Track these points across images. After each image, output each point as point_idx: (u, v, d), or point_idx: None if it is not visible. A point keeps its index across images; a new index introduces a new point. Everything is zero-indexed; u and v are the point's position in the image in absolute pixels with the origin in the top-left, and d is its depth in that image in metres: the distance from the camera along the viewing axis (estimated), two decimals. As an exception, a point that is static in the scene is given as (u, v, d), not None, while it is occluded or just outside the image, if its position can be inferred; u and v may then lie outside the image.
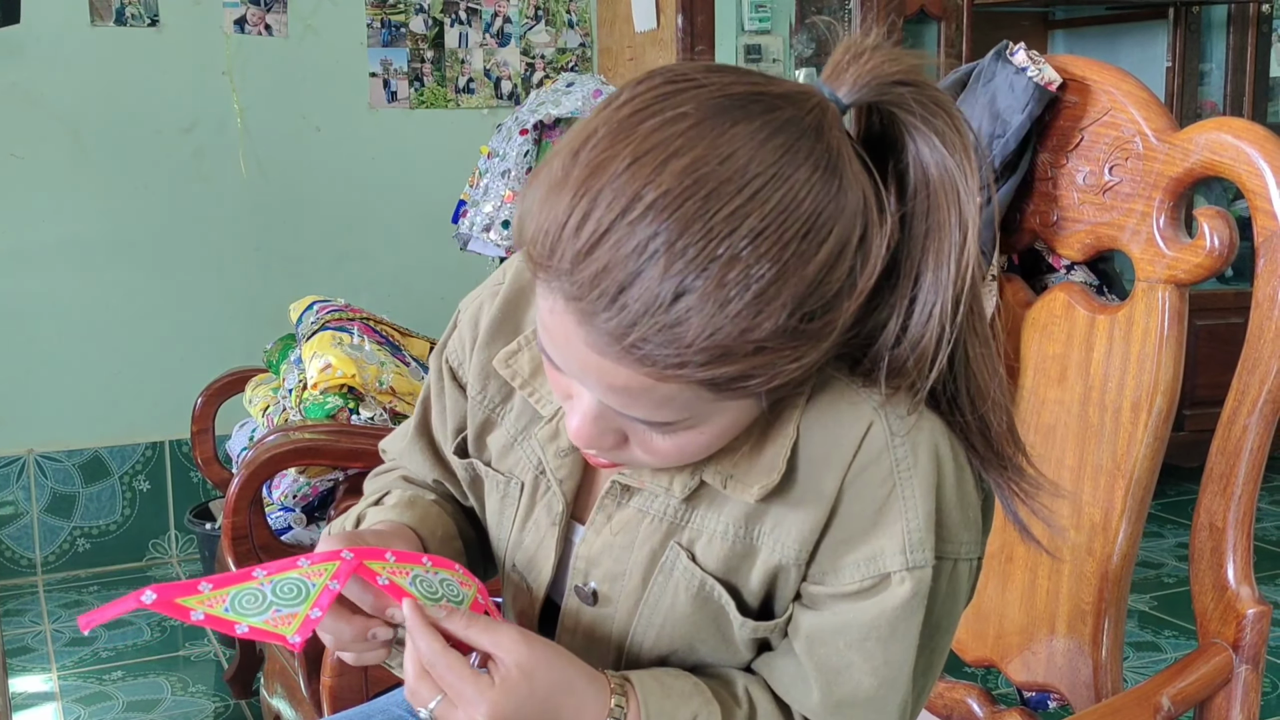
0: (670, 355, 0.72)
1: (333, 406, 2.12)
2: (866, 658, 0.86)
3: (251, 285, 3.39)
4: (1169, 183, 1.16)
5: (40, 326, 3.22)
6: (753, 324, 0.72)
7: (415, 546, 0.96)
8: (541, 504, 0.97)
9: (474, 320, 1.02)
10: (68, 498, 3.29)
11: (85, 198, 3.22)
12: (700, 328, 0.71)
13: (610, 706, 0.87)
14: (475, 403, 1.02)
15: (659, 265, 0.70)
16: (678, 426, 0.80)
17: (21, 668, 2.73)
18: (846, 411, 0.85)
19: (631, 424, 0.81)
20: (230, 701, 2.58)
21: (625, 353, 0.73)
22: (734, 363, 0.73)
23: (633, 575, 0.92)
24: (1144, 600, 3.02)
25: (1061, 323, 1.27)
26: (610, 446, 0.83)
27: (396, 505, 1.01)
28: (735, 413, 0.81)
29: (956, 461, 0.86)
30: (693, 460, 0.85)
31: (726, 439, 0.84)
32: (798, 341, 0.75)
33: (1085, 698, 1.22)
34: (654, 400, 0.76)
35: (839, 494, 0.85)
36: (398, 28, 3.50)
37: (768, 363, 0.75)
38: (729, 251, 0.70)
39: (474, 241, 2.68)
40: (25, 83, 3.13)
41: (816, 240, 0.73)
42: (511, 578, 1.00)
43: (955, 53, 3.50)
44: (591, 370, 0.76)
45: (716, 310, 0.71)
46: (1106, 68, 1.24)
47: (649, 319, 0.71)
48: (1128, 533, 1.19)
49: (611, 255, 0.71)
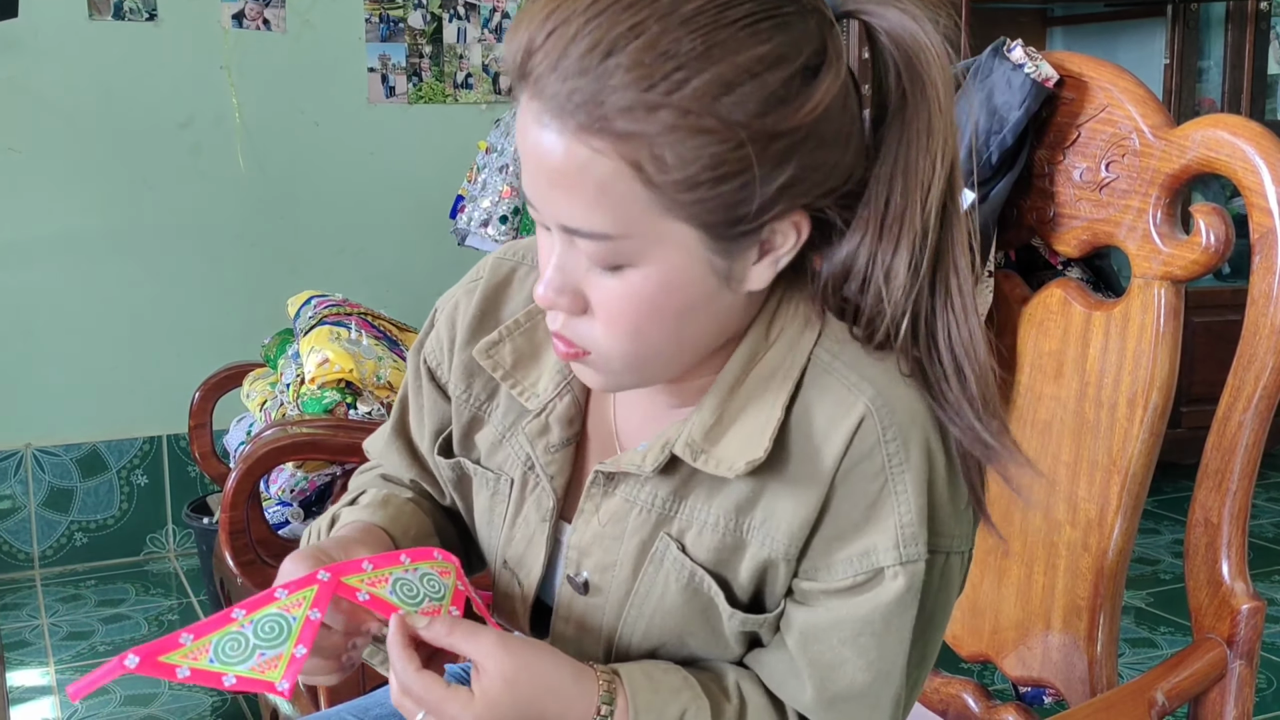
0: (595, 108, 0.75)
1: (330, 401, 2.13)
2: (860, 653, 0.87)
3: (249, 280, 3.39)
4: (1165, 179, 1.16)
5: (38, 321, 3.21)
6: (673, 89, 0.74)
7: (386, 547, 0.96)
8: (531, 500, 0.97)
9: (451, 319, 1.02)
10: (65, 492, 3.30)
11: (83, 192, 3.22)
12: (624, 79, 0.74)
13: (597, 706, 0.87)
14: (460, 402, 1.01)
15: (599, 31, 0.75)
16: (620, 256, 0.80)
17: (19, 662, 2.73)
18: (838, 404, 0.85)
19: (587, 274, 0.82)
20: (228, 695, 2.58)
21: (560, 113, 0.76)
22: (653, 126, 0.75)
23: (623, 565, 0.92)
24: (1140, 596, 3.03)
25: (1058, 319, 1.27)
26: (571, 310, 0.84)
27: (370, 505, 1.01)
28: (680, 259, 0.80)
29: (948, 455, 0.86)
30: (644, 331, 0.82)
31: (682, 309, 0.82)
32: (718, 139, 0.75)
33: (1080, 693, 1.22)
34: (591, 192, 0.77)
35: (830, 489, 0.85)
36: (396, 23, 3.50)
37: (689, 155, 0.75)
38: (663, 25, 0.75)
39: (472, 236, 2.68)
40: (23, 77, 3.13)
41: (754, 38, 0.76)
42: (502, 575, 1.00)
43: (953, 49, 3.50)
44: (542, 165, 0.79)
45: (641, 67, 0.74)
46: (1103, 64, 1.24)
47: (581, 76, 0.75)
48: (1123, 528, 1.20)
49: (563, 36, 0.76)
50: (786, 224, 0.82)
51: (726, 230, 0.80)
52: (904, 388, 0.85)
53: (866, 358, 0.86)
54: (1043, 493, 1.27)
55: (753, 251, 0.82)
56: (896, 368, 0.86)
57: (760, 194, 0.78)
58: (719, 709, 0.89)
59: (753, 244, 0.82)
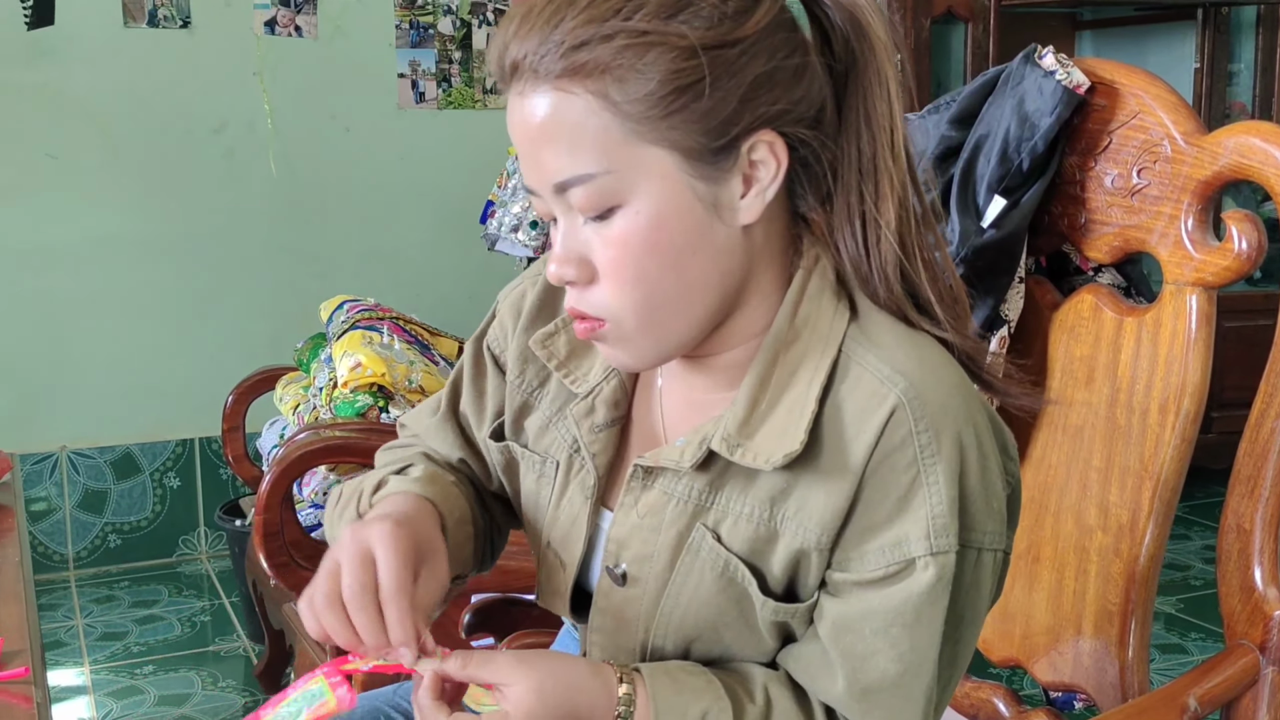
0: (558, 52, 0.82)
1: (363, 405, 2.14)
2: (892, 644, 0.88)
3: (281, 284, 3.41)
4: (1197, 185, 1.16)
5: (72, 324, 3.25)
6: (627, 16, 0.82)
7: (435, 522, 0.98)
8: (576, 481, 0.99)
9: (516, 306, 1.05)
10: (99, 494, 3.33)
11: (117, 197, 3.26)
12: (581, 19, 0.82)
13: (619, 695, 0.89)
14: (514, 386, 1.04)
15: (558, 4, 0.83)
16: (608, 196, 0.84)
17: (55, 662, 2.76)
18: (870, 395, 0.86)
19: (587, 236, 0.87)
20: (260, 696, 2.60)
21: (534, 77, 0.84)
22: (609, 51, 0.81)
23: (660, 557, 0.94)
24: (1171, 603, 3.02)
25: (1089, 325, 1.27)
26: (579, 277, 0.88)
27: (420, 479, 1.03)
28: (664, 189, 0.84)
29: (980, 450, 0.87)
30: (646, 274, 0.86)
31: (679, 246, 0.86)
32: (670, 51, 0.81)
33: (1111, 698, 1.22)
34: (568, 134, 0.83)
35: (862, 480, 0.87)
36: (426, 29, 3.52)
37: (648, 71, 0.81)
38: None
39: (502, 242, 2.70)
40: (59, 83, 3.17)
41: None
42: (547, 556, 1.02)
43: (982, 54, 3.50)
44: (528, 132, 0.85)
45: (595, 6, 0.82)
46: (1135, 71, 1.25)
47: (547, 39, 0.83)
48: (1155, 534, 1.20)
49: (531, 23, 0.84)
50: (761, 149, 0.86)
51: (700, 149, 0.84)
52: (936, 380, 0.87)
53: (898, 347, 0.88)
54: (1074, 497, 1.28)
55: (736, 181, 0.86)
56: (929, 356, 0.89)
57: (722, 105, 0.83)
58: (741, 710, 0.90)
59: (732, 168, 0.86)
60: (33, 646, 1.34)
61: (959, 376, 0.90)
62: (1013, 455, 0.93)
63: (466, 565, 1.05)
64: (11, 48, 3.10)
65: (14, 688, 1.24)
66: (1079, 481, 1.27)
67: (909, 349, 0.88)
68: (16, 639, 1.34)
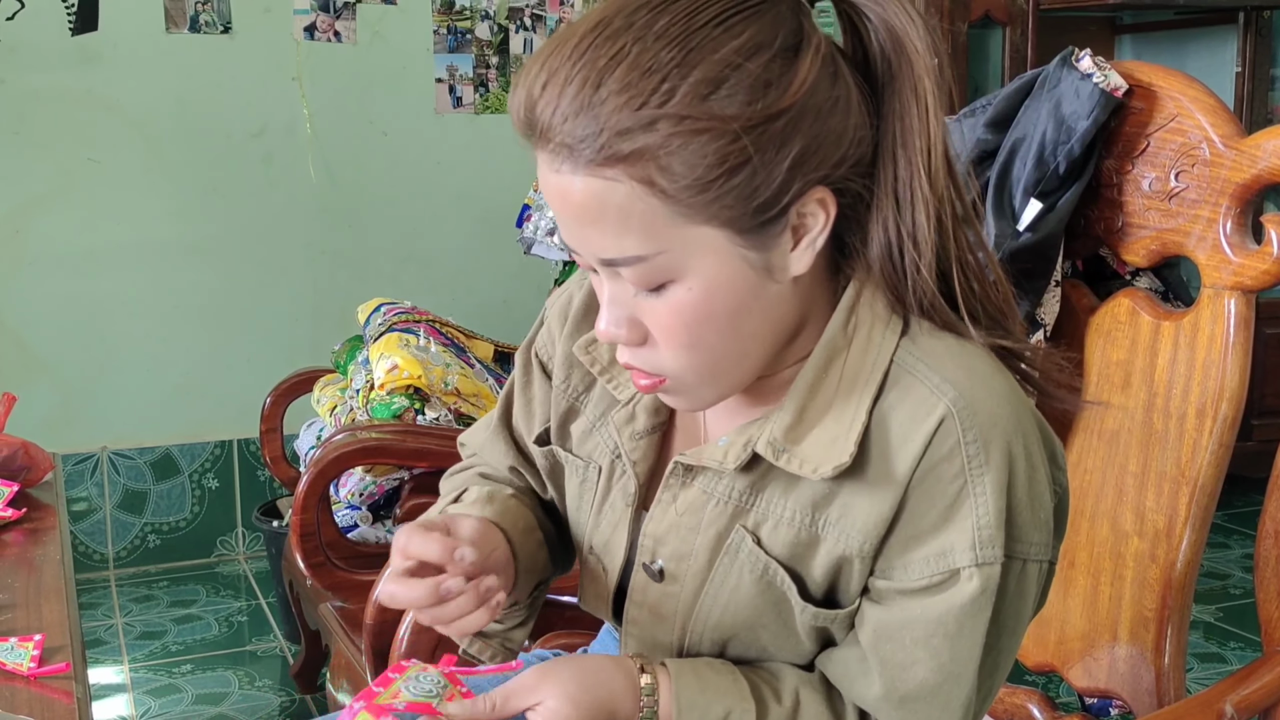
0: (597, 139, 0.79)
1: (399, 407, 2.16)
2: (933, 654, 0.87)
3: (319, 287, 3.44)
4: (1236, 189, 1.15)
5: (114, 326, 3.29)
6: (664, 100, 0.78)
7: (498, 540, 0.99)
8: (618, 487, 0.99)
9: (563, 311, 1.05)
10: (139, 494, 3.36)
11: (158, 201, 3.29)
12: (616, 104, 0.79)
13: (642, 684, 0.90)
14: (559, 391, 1.05)
15: (586, 68, 0.80)
16: (660, 274, 0.83)
17: (95, 660, 2.79)
18: (919, 405, 0.86)
19: (637, 302, 0.86)
20: (296, 696, 2.62)
21: (570, 155, 0.80)
22: (654, 139, 0.78)
23: (699, 556, 0.94)
24: (1209, 611, 2.99)
25: (1126, 329, 1.27)
26: (631, 340, 0.87)
27: (476, 501, 1.04)
28: (715, 263, 0.83)
29: (1029, 461, 0.87)
30: (703, 340, 0.86)
31: (733, 310, 0.85)
32: (716, 135, 0.79)
33: (1147, 705, 1.22)
34: (615, 219, 0.81)
35: (907, 489, 0.86)
36: (464, 34, 3.54)
37: (694, 158, 0.79)
38: (641, 44, 0.79)
39: (538, 245, 2.71)
40: (102, 88, 3.21)
41: (728, 34, 0.80)
42: (589, 560, 1.03)
43: (1020, 58, 3.48)
44: (567, 207, 0.83)
45: (630, 89, 0.79)
46: (1173, 73, 1.24)
47: (579, 115, 0.80)
48: (1191, 540, 1.19)
49: (556, 83, 0.81)
50: (811, 204, 0.84)
51: (750, 222, 0.82)
52: (986, 390, 0.86)
53: (948, 356, 0.87)
54: (1109, 502, 1.27)
55: (785, 238, 0.85)
56: (979, 366, 0.88)
57: (771, 178, 0.81)
58: (765, 712, 0.90)
59: (782, 230, 0.84)
60: (73, 643, 1.36)
61: (1009, 386, 0.89)
62: (1061, 465, 0.92)
63: (545, 570, 1.06)
64: (56, 52, 3.14)
65: (55, 683, 1.26)
66: (1115, 486, 1.26)
67: (959, 358, 0.88)
68: (58, 635, 1.36)
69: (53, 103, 3.17)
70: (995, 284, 0.92)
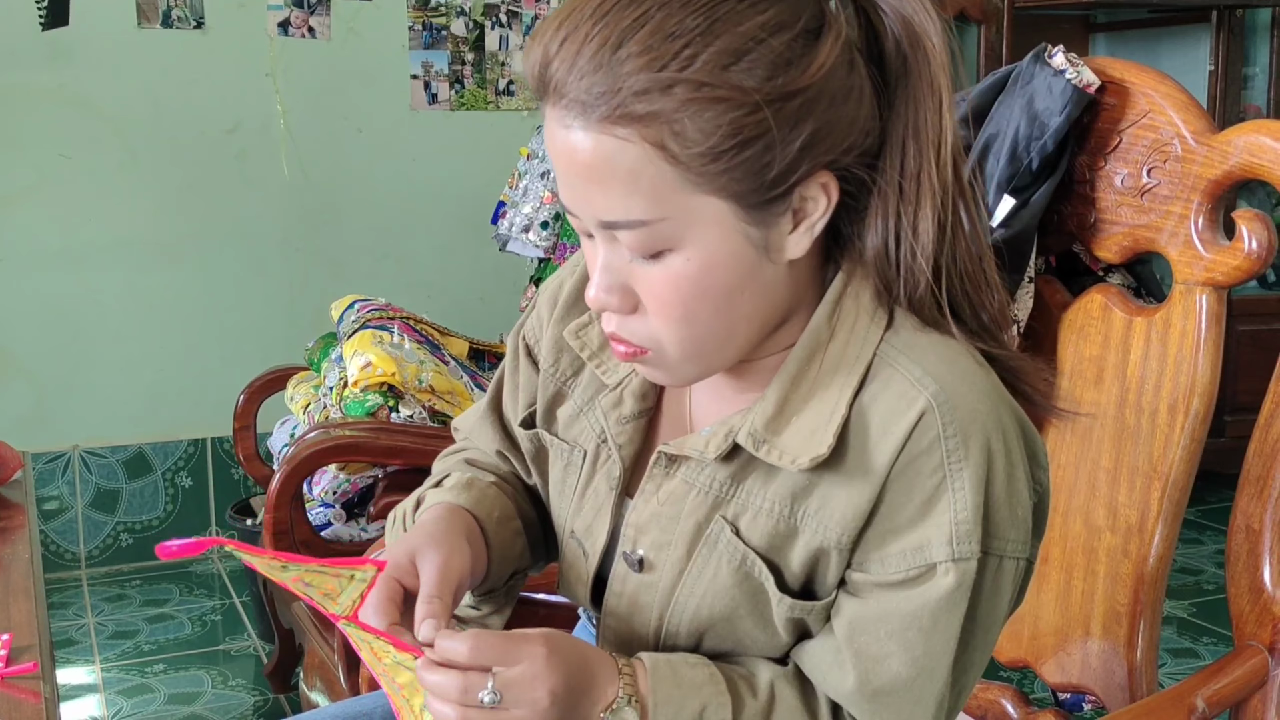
0: (613, 97, 0.79)
1: (373, 404, 2.15)
2: (906, 648, 0.87)
3: (293, 284, 3.42)
4: (1207, 185, 1.16)
5: (85, 324, 3.26)
6: (684, 65, 0.79)
7: (471, 529, 0.98)
8: (601, 472, 0.99)
9: (553, 296, 1.05)
10: (111, 493, 3.34)
11: (131, 198, 3.27)
12: (636, 65, 0.79)
13: (619, 683, 0.88)
14: (548, 375, 1.05)
15: (607, 28, 0.80)
16: (660, 241, 0.83)
17: (65, 660, 2.77)
18: (900, 398, 0.86)
19: (632, 268, 0.85)
20: (269, 695, 2.61)
21: (583, 111, 0.80)
22: (670, 103, 0.78)
23: (678, 545, 0.93)
24: (1182, 606, 3.00)
25: (1099, 325, 1.27)
26: (621, 308, 0.87)
27: (454, 487, 1.03)
28: (717, 235, 0.83)
29: (1008, 458, 0.87)
30: (696, 314, 0.85)
31: (728, 287, 0.85)
32: (733, 106, 0.79)
33: (1120, 699, 1.22)
34: (622, 180, 0.81)
35: (886, 482, 0.86)
36: (439, 30, 3.52)
37: (709, 126, 0.79)
38: (666, 10, 0.80)
39: (513, 242, 2.70)
40: (73, 84, 3.18)
41: (753, 9, 0.80)
42: (569, 545, 1.03)
43: (995, 56, 3.49)
44: (573, 164, 0.82)
45: (650, 51, 0.79)
46: (1145, 70, 1.24)
47: (596, 73, 0.80)
48: (1164, 534, 1.20)
49: (575, 41, 0.81)
50: (814, 187, 0.85)
51: (756, 198, 0.83)
52: (968, 386, 0.86)
53: (931, 350, 0.88)
54: (1082, 497, 1.27)
55: (786, 219, 0.85)
56: (962, 362, 0.88)
57: (782, 156, 0.81)
58: (740, 706, 0.90)
59: (784, 211, 0.85)
60: (41, 642, 1.35)
61: (991, 382, 0.89)
62: (1043, 464, 0.92)
63: (522, 559, 1.05)
64: (26, 49, 3.12)
65: (22, 683, 1.25)
66: (1088, 482, 1.27)
67: (942, 353, 0.88)
68: (26, 635, 1.35)
69: (23, 99, 3.15)
70: (991, 291, 0.91)
